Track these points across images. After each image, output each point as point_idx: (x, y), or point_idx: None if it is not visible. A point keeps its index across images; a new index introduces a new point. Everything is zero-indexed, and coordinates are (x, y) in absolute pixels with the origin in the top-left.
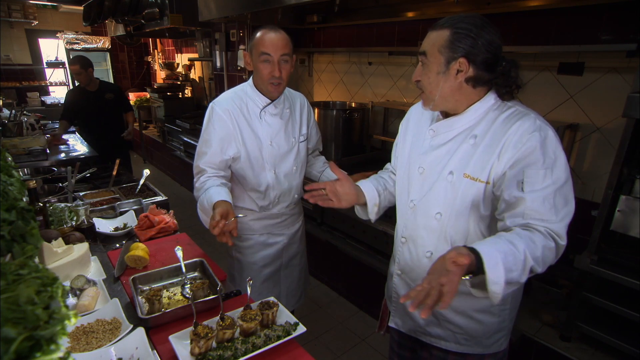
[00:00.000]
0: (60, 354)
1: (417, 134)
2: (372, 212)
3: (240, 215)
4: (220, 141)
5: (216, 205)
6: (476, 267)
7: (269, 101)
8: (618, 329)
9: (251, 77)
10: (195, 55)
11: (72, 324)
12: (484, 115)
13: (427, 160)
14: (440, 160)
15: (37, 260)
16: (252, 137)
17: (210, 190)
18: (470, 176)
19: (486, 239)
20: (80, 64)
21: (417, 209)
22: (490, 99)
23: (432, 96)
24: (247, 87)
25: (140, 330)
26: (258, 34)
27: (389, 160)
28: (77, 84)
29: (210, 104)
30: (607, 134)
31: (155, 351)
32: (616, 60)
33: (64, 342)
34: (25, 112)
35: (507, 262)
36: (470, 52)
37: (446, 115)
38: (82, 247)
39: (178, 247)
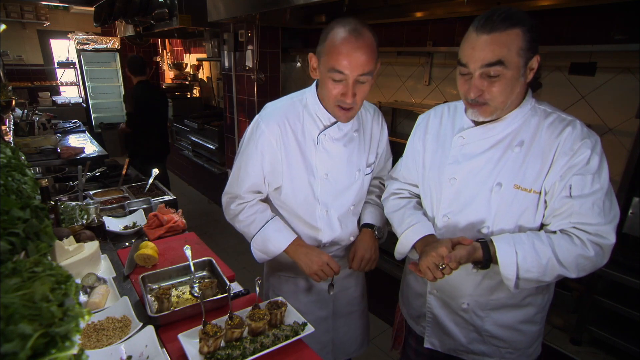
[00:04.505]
0: (74, 351)
1: (439, 144)
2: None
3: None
4: (261, 167)
5: (292, 250)
6: (486, 259)
7: (333, 120)
8: (630, 333)
9: (315, 83)
10: (204, 56)
11: (85, 321)
12: (524, 120)
13: (462, 171)
14: (479, 170)
15: (49, 258)
16: (301, 166)
17: (269, 228)
18: (521, 187)
19: (513, 235)
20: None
21: (453, 222)
22: (528, 104)
23: (502, 105)
24: (308, 97)
25: (150, 329)
26: (333, 37)
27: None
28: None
29: (257, 117)
30: (620, 135)
31: (164, 349)
32: (629, 60)
33: (77, 339)
34: (36, 111)
35: (524, 262)
36: (537, 47)
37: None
38: (93, 246)
39: (187, 246)
